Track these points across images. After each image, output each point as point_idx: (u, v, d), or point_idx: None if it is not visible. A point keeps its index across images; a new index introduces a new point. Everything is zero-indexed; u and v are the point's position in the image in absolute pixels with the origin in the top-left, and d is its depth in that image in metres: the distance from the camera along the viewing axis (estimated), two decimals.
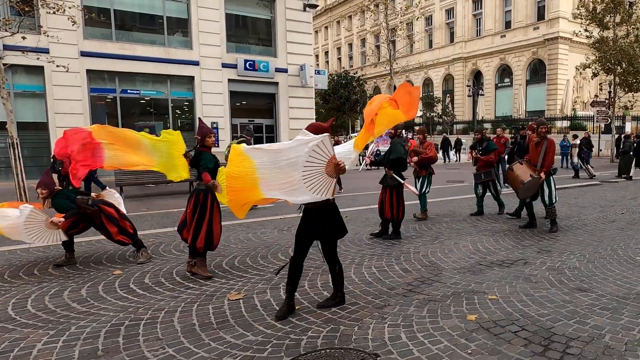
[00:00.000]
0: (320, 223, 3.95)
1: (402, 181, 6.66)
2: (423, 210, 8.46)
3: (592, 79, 28.75)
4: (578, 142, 17.26)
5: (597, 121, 25.36)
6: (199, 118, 6.57)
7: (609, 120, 25.05)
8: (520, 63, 35.59)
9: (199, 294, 4.47)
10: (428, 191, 8.48)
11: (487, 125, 33.69)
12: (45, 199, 5.46)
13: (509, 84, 36.97)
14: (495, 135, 9.02)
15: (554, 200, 7.13)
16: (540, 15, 34.58)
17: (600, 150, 26.25)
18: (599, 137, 25.88)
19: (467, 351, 3.24)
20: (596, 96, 30.34)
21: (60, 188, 5.83)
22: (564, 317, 3.79)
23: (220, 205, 5.20)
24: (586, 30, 23.42)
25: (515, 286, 4.56)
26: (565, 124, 29.75)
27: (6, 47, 12.54)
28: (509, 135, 16.27)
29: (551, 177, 7.11)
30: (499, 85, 38.16)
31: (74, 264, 5.64)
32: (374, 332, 3.58)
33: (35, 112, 16.06)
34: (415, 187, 8.24)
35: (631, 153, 15.79)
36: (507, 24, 36.81)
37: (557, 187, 7.40)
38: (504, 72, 37.66)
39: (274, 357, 3.20)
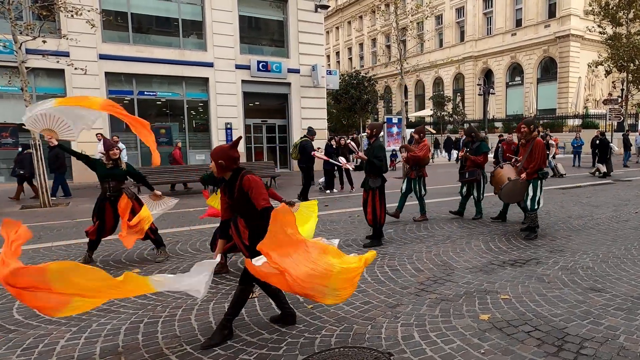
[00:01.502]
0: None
1: (329, 159, 6.31)
2: (422, 213, 8.17)
3: (606, 77, 28.27)
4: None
5: (609, 119, 24.93)
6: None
7: (622, 118, 24.61)
8: (531, 61, 35.11)
9: (215, 292, 4.50)
10: (425, 193, 8.15)
11: (498, 124, 33.35)
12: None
13: (520, 82, 36.50)
14: (504, 141, 8.64)
15: (536, 206, 6.47)
16: (551, 13, 34.06)
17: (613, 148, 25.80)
18: (612, 135, 25.43)
19: (480, 351, 3.21)
20: (610, 94, 29.81)
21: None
22: (578, 317, 3.74)
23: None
24: (599, 26, 23.02)
25: (528, 286, 4.51)
26: (577, 122, 29.30)
27: (28, 51, 12.73)
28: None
29: (539, 182, 6.47)
30: (510, 83, 37.70)
31: (93, 262, 5.71)
32: (387, 331, 3.57)
33: None
34: (415, 190, 8.01)
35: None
36: (518, 22, 36.32)
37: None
38: (515, 70, 37.19)
39: (289, 355, 3.22)
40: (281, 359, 3.16)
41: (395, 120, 23.10)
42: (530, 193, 6.45)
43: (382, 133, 14.22)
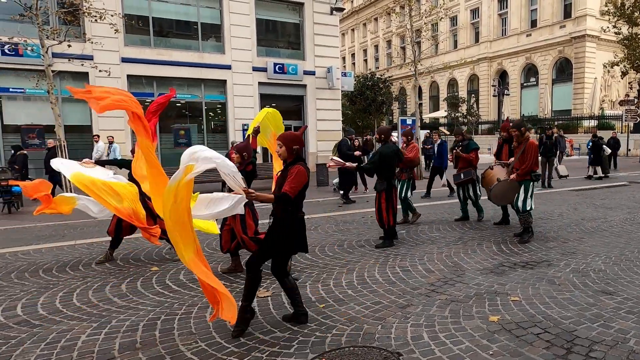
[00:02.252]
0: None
1: (343, 162, 6.37)
2: (405, 215, 8.06)
3: (622, 77, 27.66)
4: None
5: (625, 120, 24.38)
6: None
7: (638, 119, 24.04)
8: (547, 62, 34.53)
9: (229, 290, 4.54)
10: (410, 195, 8.05)
11: None
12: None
13: (535, 83, 35.91)
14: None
15: (527, 207, 6.31)
16: (567, 13, 33.43)
17: (629, 150, 25.26)
18: (628, 137, 24.90)
19: (488, 352, 3.19)
20: (626, 95, 29.11)
21: None
22: (588, 320, 3.69)
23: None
24: (614, 26, 22.53)
25: (539, 288, 4.46)
26: (593, 123, 28.71)
27: (54, 55, 13.01)
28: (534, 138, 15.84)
29: (530, 183, 6.31)
30: (525, 84, 37.12)
31: (114, 260, 5.83)
32: (396, 331, 3.57)
33: (80, 116, 16.61)
34: (400, 191, 7.82)
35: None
36: (533, 23, 35.74)
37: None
38: (530, 71, 36.61)
39: (300, 353, 3.24)
40: (292, 357, 3.19)
41: (409, 121, 22.98)
42: (522, 194, 6.31)
43: (396, 135, 14.08)
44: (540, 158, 13.80)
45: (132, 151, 5.89)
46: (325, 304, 4.16)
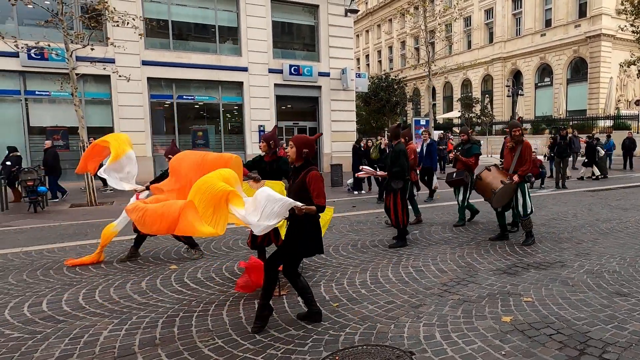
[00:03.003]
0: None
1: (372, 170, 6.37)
2: (417, 214, 7.97)
3: (638, 77, 27.02)
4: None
5: None
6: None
7: None
8: (561, 62, 33.88)
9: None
10: (416, 195, 7.98)
11: (527, 126, 32.36)
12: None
13: (549, 83, 35.27)
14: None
15: (528, 210, 6.17)
16: (582, 12, 32.74)
17: None
18: None
19: (500, 352, 3.16)
20: None
21: None
22: (602, 321, 3.63)
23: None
24: (632, 25, 22.01)
25: (552, 289, 4.39)
26: (608, 123, 28.11)
27: (78, 59, 13.25)
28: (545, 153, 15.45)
29: (525, 185, 6.20)
30: (539, 84, 36.49)
31: (136, 258, 5.92)
32: (409, 330, 3.56)
33: (102, 118, 16.90)
34: None
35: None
36: (548, 22, 35.10)
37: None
38: (544, 71, 35.97)
39: (314, 351, 3.26)
40: (306, 355, 3.20)
41: (423, 122, 22.85)
42: (520, 199, 6.15)
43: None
44: (555, 158, 13.67)
45: (167, 155, 5.58)
46: (338, 303, 4.17)
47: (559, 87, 32.98)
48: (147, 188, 5.55)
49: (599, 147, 15.16)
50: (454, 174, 7.70)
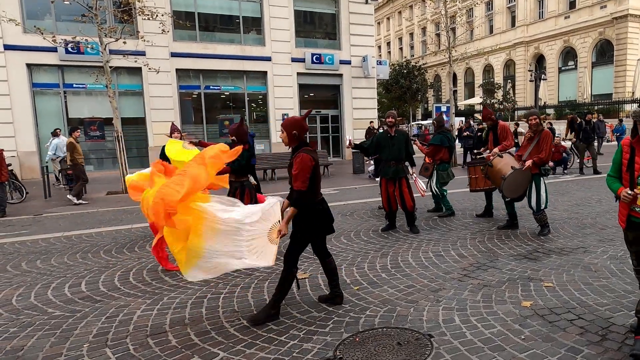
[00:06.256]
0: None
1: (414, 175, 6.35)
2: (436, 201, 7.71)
3: None
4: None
5: None
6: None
7: None
8: (586, 44, 32.41)
9: (270, 272, 4.62)
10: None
11: (550, 111, 31.24)
12: None
13: (574, 66, 33.85)
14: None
15: (542, 205, 5.71)
16: None
17: None
18: None
19: (520, 337, 3.09)
20: None
21: None
22: (625, 307, 3.49)
23: None
24: None
25: (574, 274, 4.26)
26: (635, 107, 26.89)
27: (111, 52, 13.47)
28: (567, 143, 14.53)
29: (542, 179, 5.71)
30: (563, 68, 35.08)
31: None
32: (428, 313, 3.52)
33: (135, 109, 17.21)
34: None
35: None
36: (572, 4, 33.55)
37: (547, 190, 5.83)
38: (568, 54, 34.52)
39: (335, 332, 3.26)
40: (327, 336, 3.21)
41: (444, 108, 22.36)
42: (535, 194, 5.70)
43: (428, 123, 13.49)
44: (580, 144, 13.09)
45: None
46: (359, 287, 4.15)
47: (584, 70, 31.65)
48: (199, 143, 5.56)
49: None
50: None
